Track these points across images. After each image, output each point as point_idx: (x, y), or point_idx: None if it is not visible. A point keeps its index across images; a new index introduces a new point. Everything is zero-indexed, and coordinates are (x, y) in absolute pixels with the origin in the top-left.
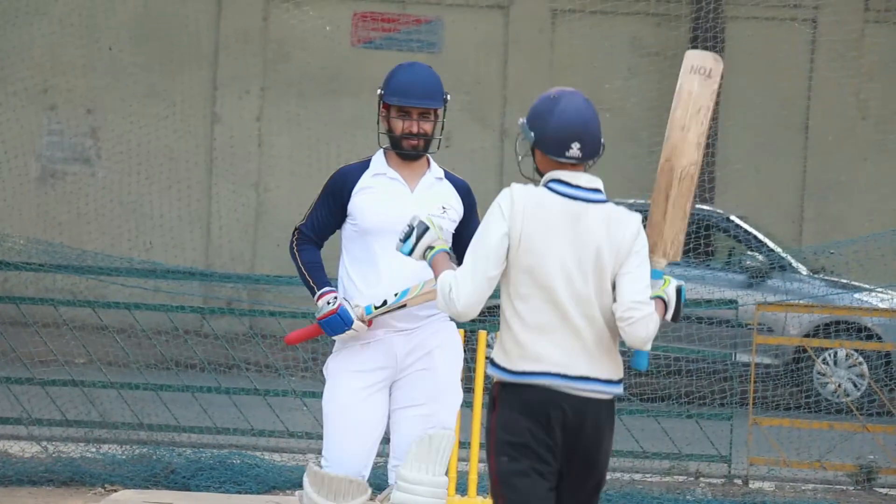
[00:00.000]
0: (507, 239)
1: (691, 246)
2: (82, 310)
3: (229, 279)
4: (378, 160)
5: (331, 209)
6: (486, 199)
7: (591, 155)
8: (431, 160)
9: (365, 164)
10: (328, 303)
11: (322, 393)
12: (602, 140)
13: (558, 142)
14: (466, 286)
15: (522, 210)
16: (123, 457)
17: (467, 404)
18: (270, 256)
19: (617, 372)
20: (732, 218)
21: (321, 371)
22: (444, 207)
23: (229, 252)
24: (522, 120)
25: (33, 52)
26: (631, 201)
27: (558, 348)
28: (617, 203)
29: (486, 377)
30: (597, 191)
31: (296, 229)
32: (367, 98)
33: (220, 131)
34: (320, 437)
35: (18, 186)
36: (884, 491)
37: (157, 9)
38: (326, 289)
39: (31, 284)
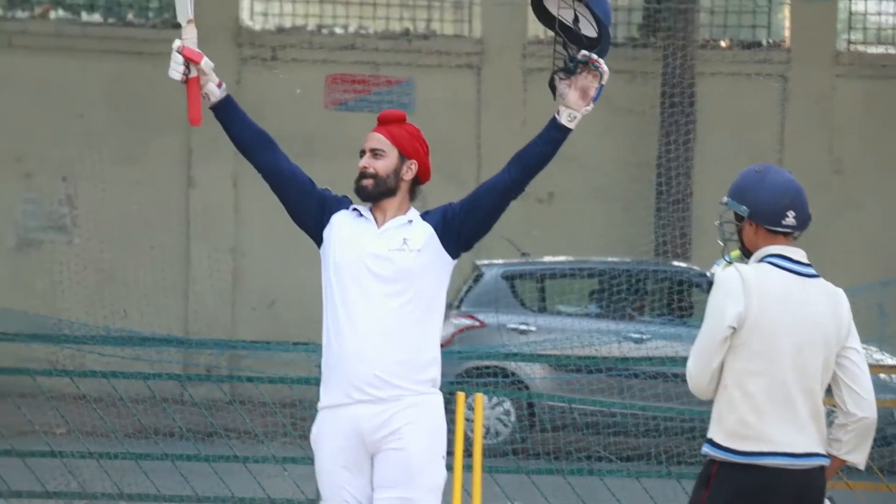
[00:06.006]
0: (738, 319)
1: (666, 303)
2: (60, 379)
3: (207, 345)
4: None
5: (313, 197)
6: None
7: (804, 224)
8: (412, 209)
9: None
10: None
11: (301, 459)
12: (809, 211)
13: (774, 211)
14: (689, 369)
15: (754, 289)
16: None
17: (448, 467)
18: (249, 321)
19: (823, 440)
20: (708, 274)
21: (300, 436)
22: (404, 240)
23: (206, 318)
24: (726, 199)
25: (6, 120)
26: (605, 258)
27: (785, 425)
28: (583, 261)
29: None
30: (809, 265)
31: None
32: (341, 160)
33: (196, 196)
34: (301, 503)
35: None
36: None
37: (130, 74)
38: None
39: (8, 355)
